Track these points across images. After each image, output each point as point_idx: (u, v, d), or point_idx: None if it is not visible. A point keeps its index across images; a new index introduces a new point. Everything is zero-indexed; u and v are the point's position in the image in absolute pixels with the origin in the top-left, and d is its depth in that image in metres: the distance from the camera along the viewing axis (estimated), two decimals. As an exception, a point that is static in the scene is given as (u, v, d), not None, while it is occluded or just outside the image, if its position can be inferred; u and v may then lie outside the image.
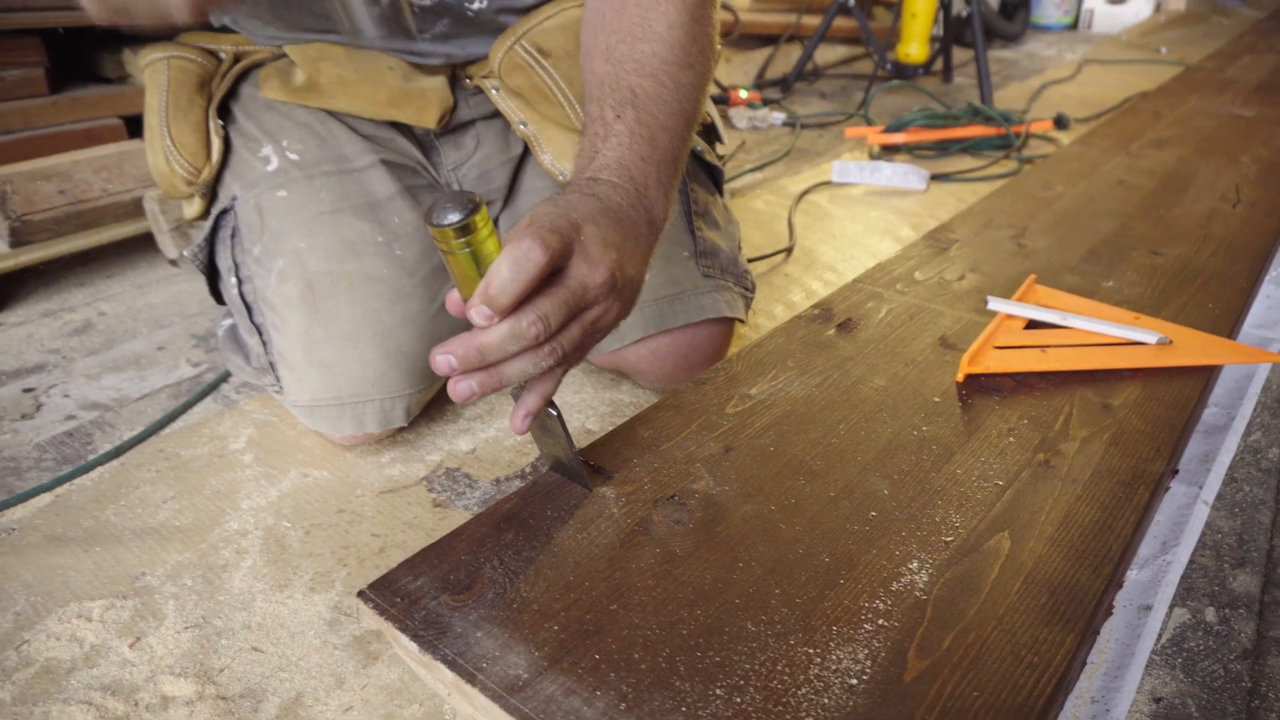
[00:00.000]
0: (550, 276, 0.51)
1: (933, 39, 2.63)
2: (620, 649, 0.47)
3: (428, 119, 0.86)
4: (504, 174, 0.92)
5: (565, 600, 0.51)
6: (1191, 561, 0.73)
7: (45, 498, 0.81)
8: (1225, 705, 0.60)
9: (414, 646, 0.48)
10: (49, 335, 1.11)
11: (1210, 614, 0.68)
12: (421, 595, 0.51)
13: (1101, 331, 0.80)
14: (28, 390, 0.99)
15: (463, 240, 0.48)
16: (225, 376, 1.00)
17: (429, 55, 0.87)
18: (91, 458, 0.86)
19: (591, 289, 0.52)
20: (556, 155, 0.86)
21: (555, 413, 0.57)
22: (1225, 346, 0.81)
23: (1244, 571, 0.72)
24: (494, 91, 0.87)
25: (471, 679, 0.46)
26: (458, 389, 0.51)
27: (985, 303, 0.88)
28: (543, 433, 0.60)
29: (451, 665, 0.47)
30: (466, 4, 0.82)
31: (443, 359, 0.50)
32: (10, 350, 1.07)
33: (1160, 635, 0.65)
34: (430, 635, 0.49)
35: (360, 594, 0.52)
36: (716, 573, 0.53)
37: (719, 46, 0.68)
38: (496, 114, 0.91)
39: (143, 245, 1.32)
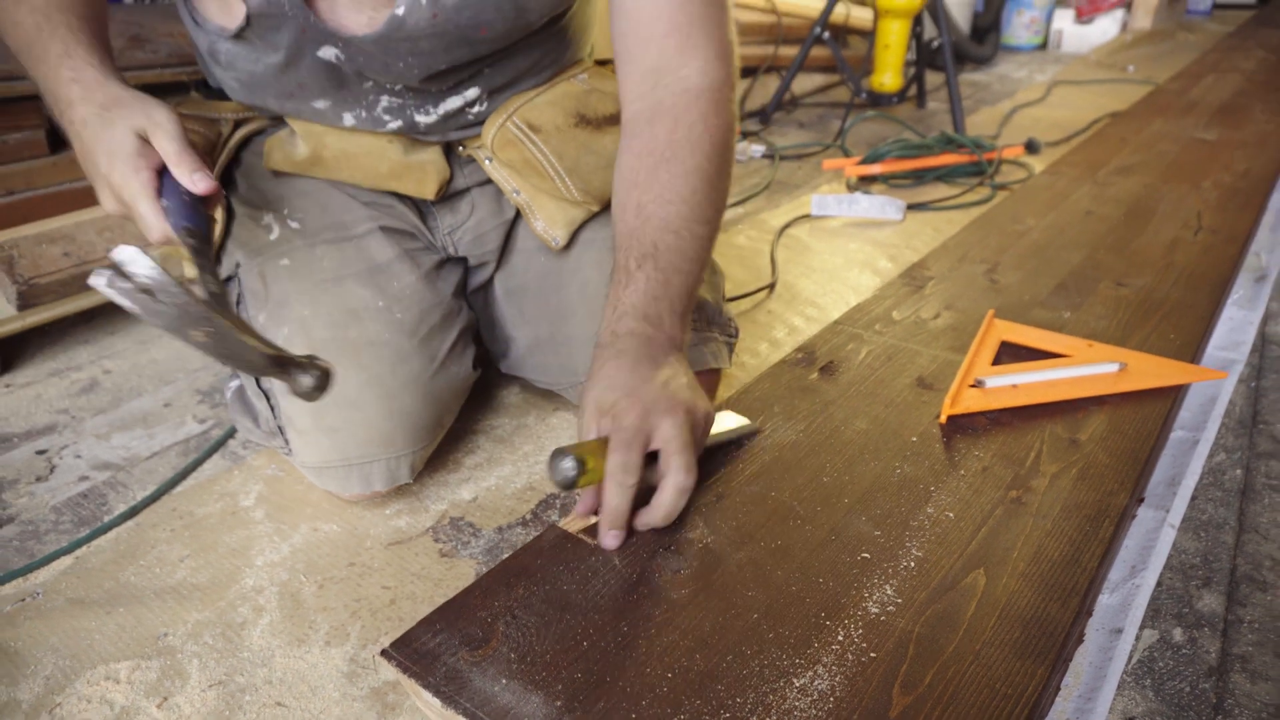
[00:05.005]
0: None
1: (907, 63, 2.71)
2: (630, 697, 0.51)
3: (426, 191, 0.90)
4: (497, 236, 0.96)
5: (576, 651, 0.55)
6: (1159, 583, 0.77)
7: (65, 560, 0.84)
8: (1192, 723, 0.64)
9: (436, 701, 0.52)
10: (57, 395, 1.14)
11: (1178, 634, 0.72)
12: (441, 651, 0.55)
13: (1062, 368, 0.85)
14: (40, 452, 1.02)
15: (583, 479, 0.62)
16: (231, 433, 1.04)
17: (427, 134, 0.91)
18: (108, 519, 0.89)
19: (683, 420, 0.65)
20: (549, 222, 0.91)
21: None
22: (1176, 368, 0.86)
23: (1209, 591, 0.76)
24: (487, 162, 0.91)
25: (491, 730, 0.50)
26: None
27: (961, 342, 0.92)
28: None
29: (472, 718, 0.51)
30: (469, 109, 0.88)
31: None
32: (20, 411, 1.10)
33: (1131, 657, 0.69)
34: (451, 690, 0.52)
35: (383, 652, 0.55)
36: (715, 619, 0.57)
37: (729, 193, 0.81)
38: (490, 180, 0.95)
39: (144, 301, 1.35)
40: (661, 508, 0.63)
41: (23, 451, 1.02)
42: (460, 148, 0.93)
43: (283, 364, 0.61)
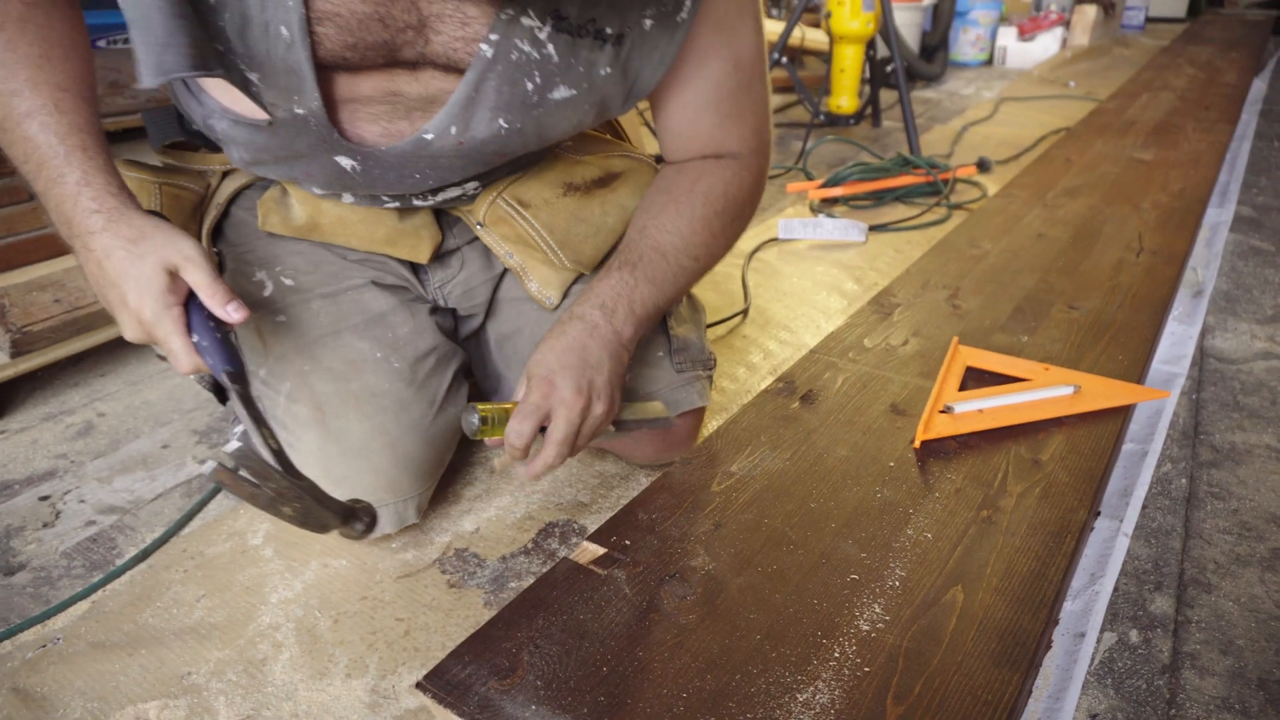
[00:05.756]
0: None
1: (863, 81, 2.80)
2: (649, 716, 0.56)
3: (421, 255, 0.94)
4: (486, 290, 1.00)
5: (597, 677, 0.60)
6: (1116, 589, 0.84)
7: (83, 605, 0.87)
8: (1148, 716, 0.71)
9: (472, 729, 0.57)
10: (53, 440, 1.16)
11: (1134, 635, 0.79)
12: (472, 682, 0.60)
13: (1022, 392, 0.92)
14: (43, 498, 1.04)
15: (487, 429, 0.78)
16: (233, 471, 1.06)
17: (423, 205, 0.94)
18: (120, 563, 0.92)
19: (574, 416, 0.77)
20: (542, 284, 0.95)
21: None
22: (1125, 389, 0.94)
23: (1160, 594, 0.84)
24: (479, 228, 0.95)
25: (527, 754, 0.54)
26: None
27: (929, 368, 0.99)
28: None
29: (507, 743, 0.55)
30: (465, 195, 0.91)
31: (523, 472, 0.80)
32: (18, 458, 1.12)
33: (1093, 659, 0.76)
34: (485, 717, 0.57)
35: (418, 685, 0.60)
36: (721, 641, 0.62)
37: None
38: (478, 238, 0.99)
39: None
40: (528, 474, 0.79)
41: (26, 498, 1.04)
42: (450, 207, 0.97)
43: (345, 518, 0.69)
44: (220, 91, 0.77)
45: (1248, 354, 1.30)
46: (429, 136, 0.77)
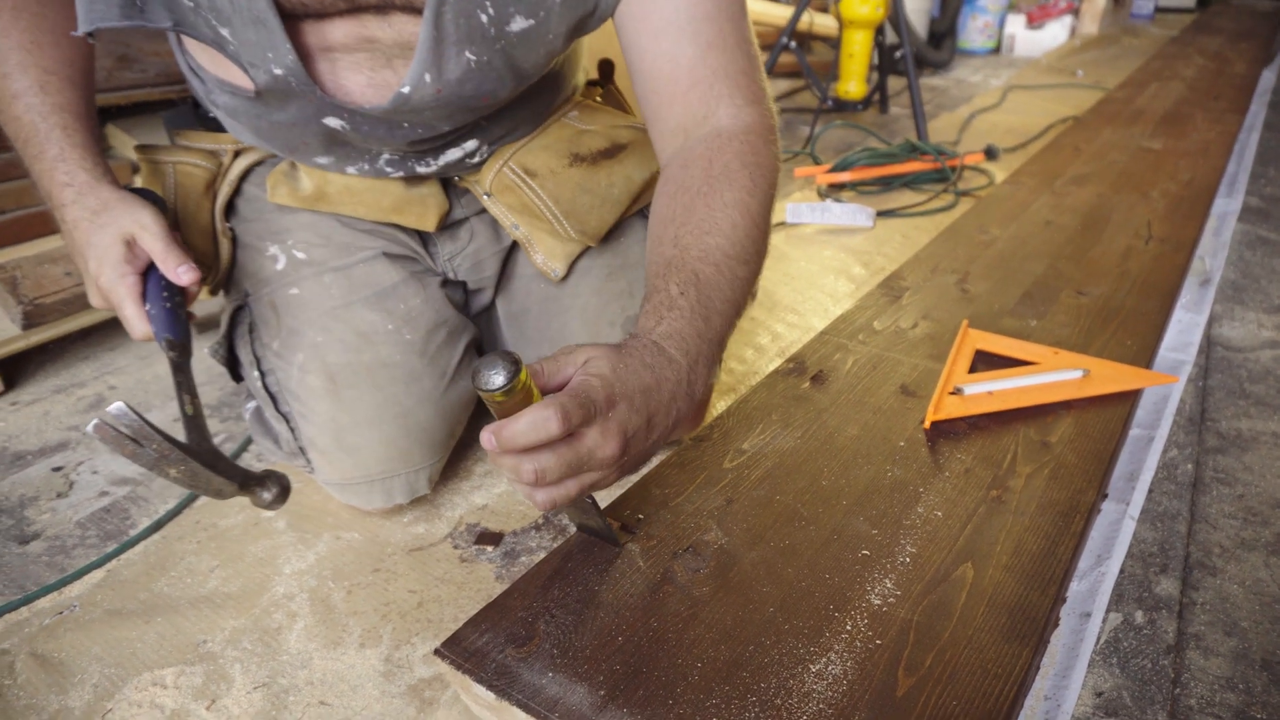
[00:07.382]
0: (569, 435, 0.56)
1: (871, 67, 2.79)
2: (666, 685, 0.57)
3: (428, 223, 0.94)
4: (495, 263, 1.01)
5: (612, 646, 0.60)
6: (1122, 570, 0.85)
7: (98, 574, 0.88)
8: (1153, 695, 0.72)
9: (490, 695, 0.57)
10: (65, 412, 1.16)
11: (1139, 616, 0.80)
12: (489, 650, 0.60)
13: (1031, 375, 0.93)
14: (57, 469, 1.04)
15: (503, 395, 0.53)
16: (245, 445, 1.07)
17: (427, 177, 0.95)
18: (134, 533, 0.93)
19: (596, 460, 0.57)
20: (548, 255, 0.95)
21: (589, 500, 0.66)
22: (1133, 373, 0.95)
23: (1166, 577, 0.85)
24: (485, 198, 0.95)
25: (545, 718, 0.55)
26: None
27: (938, 351, 1.00)
28: (573, 506, 0.68)
29: (525, 708, 0.56)
30: (468, 159, 0.91)
31: (485, 439, 0.55)
32: (30, 429, 1.12)
33: (1099, 638, 0.77)
34: (502, 684, 0.58)
35: (436, 651, 0.61)
36: (735, 613, 0.63)
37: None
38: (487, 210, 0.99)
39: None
40: (508, 420, 0.54)
41: (39, 469, 1.05)
42: (457, 177, 0.97)
43: (246, 484, 0.68)
44: (209, 60, 0.79)
45: (1255, 342, 1.30)
46: (406, 90, 0.75)
